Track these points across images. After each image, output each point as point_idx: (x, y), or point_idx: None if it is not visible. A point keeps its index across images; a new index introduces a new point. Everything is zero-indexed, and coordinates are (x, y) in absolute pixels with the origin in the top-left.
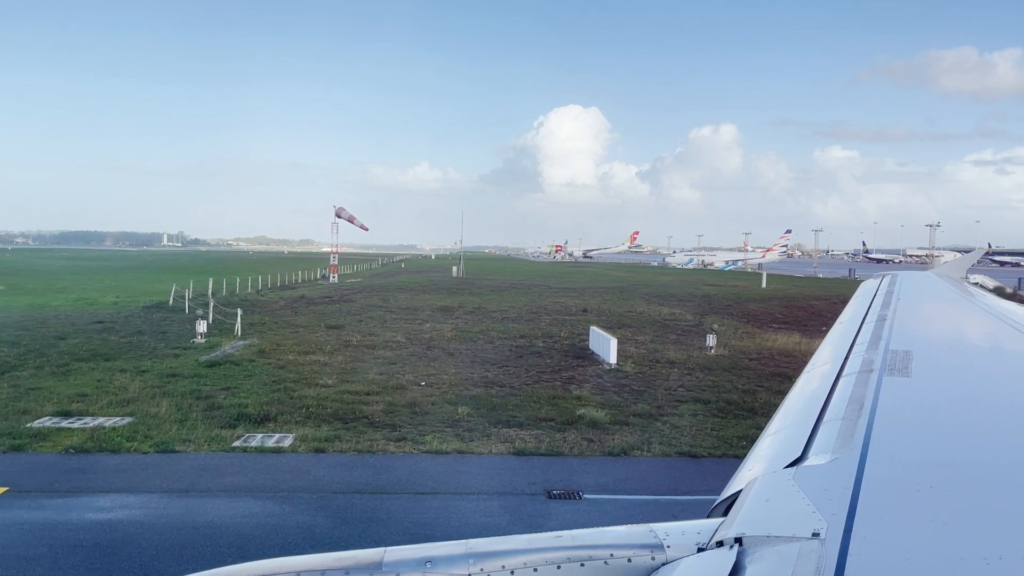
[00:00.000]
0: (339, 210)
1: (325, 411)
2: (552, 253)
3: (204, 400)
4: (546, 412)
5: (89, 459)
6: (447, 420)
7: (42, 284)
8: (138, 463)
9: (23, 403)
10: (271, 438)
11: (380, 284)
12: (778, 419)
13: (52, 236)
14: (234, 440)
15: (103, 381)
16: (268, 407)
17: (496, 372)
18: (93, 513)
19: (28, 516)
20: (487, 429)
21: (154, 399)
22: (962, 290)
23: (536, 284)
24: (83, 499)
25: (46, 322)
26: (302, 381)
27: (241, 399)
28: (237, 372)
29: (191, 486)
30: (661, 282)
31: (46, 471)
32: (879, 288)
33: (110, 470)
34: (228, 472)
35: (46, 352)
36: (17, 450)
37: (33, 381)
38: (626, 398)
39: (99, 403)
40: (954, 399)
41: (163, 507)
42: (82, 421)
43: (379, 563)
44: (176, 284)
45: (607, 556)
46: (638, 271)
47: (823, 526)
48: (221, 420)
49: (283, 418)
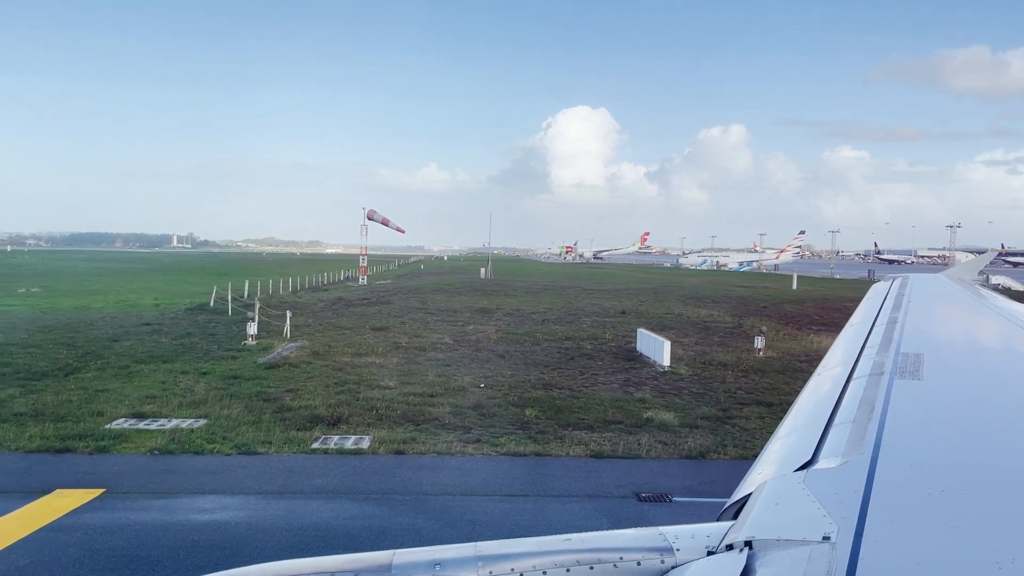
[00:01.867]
0: (370, 212)
1: (393, 413)
2: (563, 254)
3: (271, 402)
4: (612, 415)
5: (174, 460)
6: (516, 422)
7: (74, 286)
8: (224, 465)
9: (95, 405)
10: (347, 440)
11: (411, 286)
12: (788, 422)
13: (63, 237)
14: (312, 442)
15: (167, 383)
16: (337, 409)
17: (551, 374)
18: (198, 514)
19: (135, 517)
20: (558, 431)
21: (222, 401)
22: (974, 292)
23: (567, 286)
24: (182, 500)
25: (94, 324)
26: (363, 383)
27: (308, 401)
28: (297, 374)
29: (283, 488)
30: (689, 284)
31: (137, 472)
32: (890, 290)
33: (198, 471)
34: (316, 474)
35: (103, 354)
36: (102, 451)
37: (98, 383)
38: (688, 401)
39: (169, 405)
40: (966, 402)
41: (264, 508)
42: (157, 423)
43: (388, 565)
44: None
45: (616, 559)
46: (657, 272)
47: (834, 530)
48: (294, 422)
49: (354, 420)
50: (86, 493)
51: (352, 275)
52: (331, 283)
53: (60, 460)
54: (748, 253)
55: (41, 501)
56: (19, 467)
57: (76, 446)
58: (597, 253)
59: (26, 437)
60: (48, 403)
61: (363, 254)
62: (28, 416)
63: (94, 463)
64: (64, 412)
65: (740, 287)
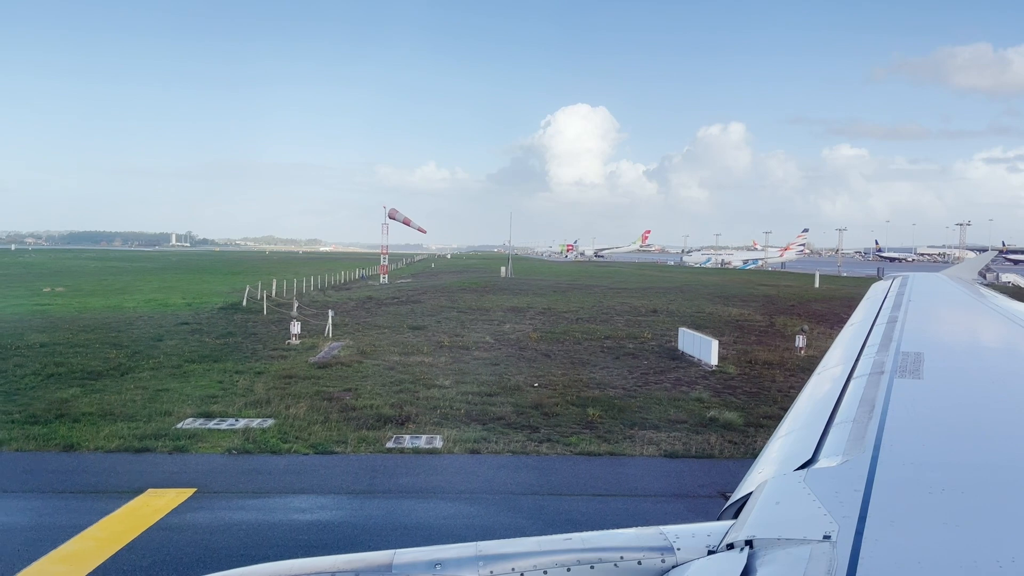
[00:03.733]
0: (391, 211)
1: (457, 412)
2: (564, 252)
3: (333, 401)
4: (674, 414)
5: (255, 460)
6: (580, 421)
7: (96, 286)
8: (306, 464)
9: (159, 405)
10: (419, 439)
11: (435, 285)
12: (789, 421)
13: (61, 236)
14: (386, 441)
15: (224, 383)
16: (401, 409)
17: (601, 373)
18: (297, 514)
19: (237, 517)
20: (624, 431)
21: (283, 401)
22: (974, 291)
23: (591, 285)
24: (276, 500)
25: (133, 323)
26: (418, 382)
27: (370, 400)
28: (350, 374)
29: (372, 487)
30: (709, 282)
31: (222, 472)
32: (890, 290)
33: (282, 471)
34: (399, 473)
35: (151, 353)
36: (181, 451)
37: (156, 382)
38: (744, 400)
39: (234, 404)
40: (966, 401)
41: (360, 508)
42: (226, 423)
43: (389, 565)
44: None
45: (617, 559)
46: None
47: (834, 529)
48: (361, 422)
49: (420, 419)
50: (179, 493)
51: (367, 274)
52: (348, 282)
53: (141, 460)
54: (749, 251)
55: (138, 501)
56: (103, 467)
57: (154, 446)
58: (598, 251)
59: (102, 437)
60: (112, 403)
61: (384, 253)
62: (96, 416)
63: (176, 463)
64: (131, 412)
65: (763, 286)
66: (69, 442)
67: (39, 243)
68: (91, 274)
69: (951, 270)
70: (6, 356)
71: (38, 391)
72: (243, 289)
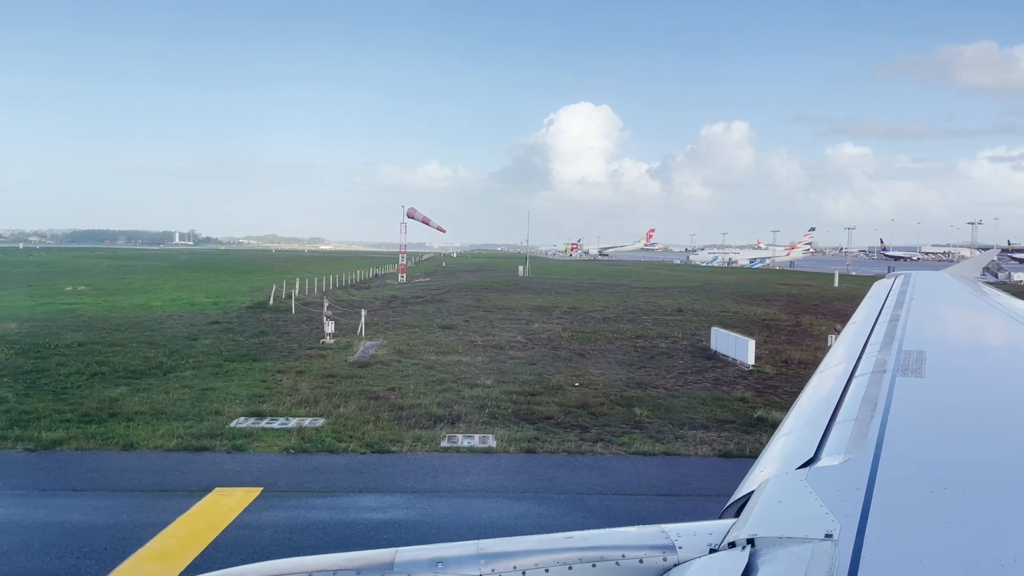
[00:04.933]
0: (410, 211)
1: (504, 412)
2: (568, 251)
3: (379, 400)
4: (721, 414)
5: (314, 459)
6: (629, 421)
7: (116, 285)
8: (365, 463)
9: (208, 404)
10: (471, 438)
11: (455, 284)
12: (791, 420)
13: (65, 235)
14: (441, 441)
15: (268, 382)
16: (448, 408)
17: (638, 373)
18: (369, 513)
19: (311, 516)
20: (675, 431)
21: (330, 400)
22: (976, 290)
23: (611, 284)
24: (344, 499)
25: (164, 322)
26: (460, 381)
27: (416, 400)
28: (391, 373)
29: (436, 486)
30: (729, 282)
31: (284, 471)
32: (892, 288)
33: (343, 470)
34: (460, 472)
35: (189, 352)
36: (239, 450)
37: (200, 381)
38: (788, 399)
39: (282, 404)
40: (968, 400)
41: (430, 507)
42: (278, 421)
43: (390, 563)
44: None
45: (618, 557)
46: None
47: (836, 527)
48: (412, 421)
49: (469, 418)
50: (247, 492)
51: (381, 272)
52: (363, 281)
53: (201, 459)
54: (754, 250)
55: (208, 499)
56: (166, 466)
57: (212, 445)
58: (603, 250)
59: (159, 436)
60: (161, 402)
61: (402, 252)
62: (148, 415)
63: (237, 462)
64: (181, 411)
65: (782, 285)
66: (128, 441)
67: (43, 242)
68: (107, 273)
69: (953, 268)
70: (47, 355)
71: (85, 390)
72: (263, 288)
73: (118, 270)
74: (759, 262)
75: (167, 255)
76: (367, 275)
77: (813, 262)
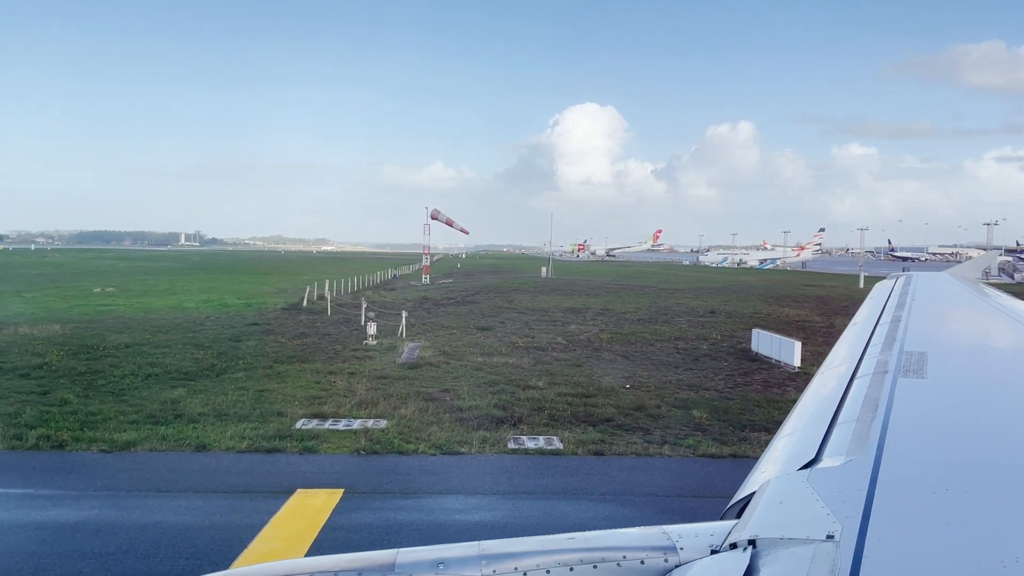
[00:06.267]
0: (434, 212)
1: (563, 413)
2: (575, 252)
3: (435, 402)
4: (779, 416)
5: (386, 460)
6: (688, 423)
7: (141, 286)
8: (438, 465)
9: (268, 405)
10: (536, 440)
11: (481, 285)
12: (792, 421)
13: (71, 236)
14: (507, 442)
15: (322, 383)
16: (507, 409)
17: (686, 375)
18: (457, 515)
19: (400, 518)
20: (736, 433)
21: (388, 401)
22: (978, 291)
23: (637, 285)
24: (426, 500)
25: (203, 324)
26: (511, 383)
27: (472, 401)
28: (441, 374)
29: (515, 488)
30: (752, 283)
31: (362, 472)
32: (893, 289)
33: (417, 471)
34: (534, 474)
35: (236, 354)
36: (310, 452)
37: (254, 383)
38: None
39: (341, 405)
40: (970, 400)
41: (515, 509)
42: (342, 423)
43: (392, 564)
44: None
45: (620, 558)
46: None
47: (837, 528)
48: (473, 422)
49: (530, 420)
50: (330, 493)
51: (399, 273)
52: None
53: (274, 460)
54: (761, 251)
55: (294, 501)
56: (241, 468)
57: (283, 446)
58: (610, 251)
59: (228, 437)
60: (221, 403)
61: (426, 253)
62: (212, 416)
63: (310, 463)
64: (243, 412)
65: (808, 286)
66: (200, 442)
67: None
68: (126, 274)
69: (954, 269)
70: (98, 356)
71: (143, 391)
72: (288, 289)
73: (135, 271)
74: (769, 263)
75: (178, 256)
76: (386, 276)
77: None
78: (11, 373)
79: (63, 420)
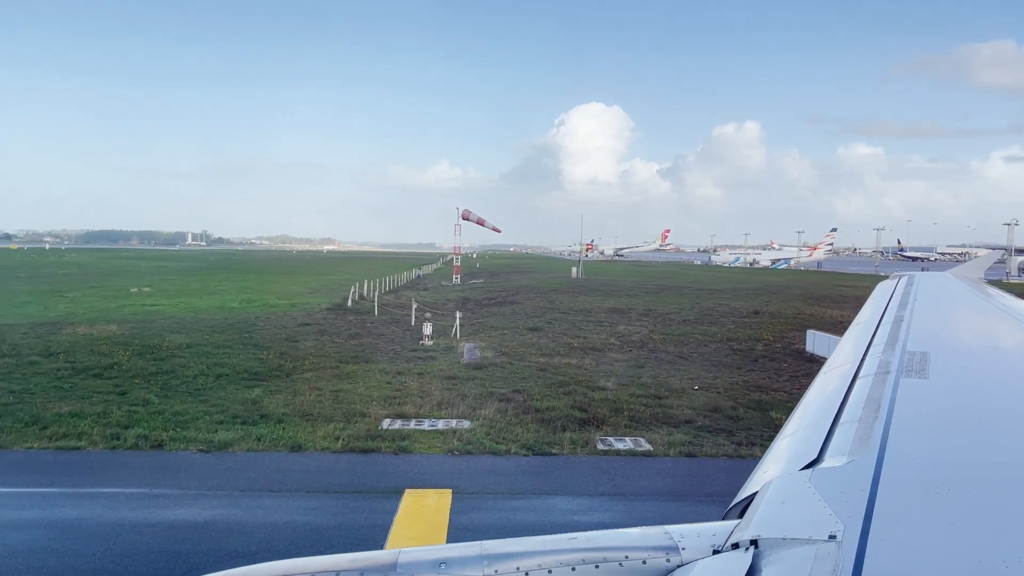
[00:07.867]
0: (465, 212)
1: (641, 414)
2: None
3: (510, 402)
4: None
5: (482, 461)
6: (769, 425)
7: (175, 286)
8: (534, 465)
9: (347, 406)
10: (623, 441)
11: (515, 286)
12: (794, 420)
13: (78, 236)
14: (596, 443)
15: (393, 384)
16: (584, 410)
17: (749, 376)
18: (576, 516)
19: (517, 519)
20: None
21: (464, 401)
22: (980, 291)
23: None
24: (538, 501)
25: (256, 324)
26: (579, 383)
27: (548, 402)
28: (507, 375)
29: (618, 489)
30: (787, 283)
31: (464, 473)
32: (896, 289)
33: (515, 471)
34: (634, 475)
35: (298, 355)
36: (404, 451)
37: (326, 383)
38: None
39: (420, 406)
40: (972, 401)
41: (630, 510)
42: (426, 423)
43: (393, 564)
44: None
45: (621, 558)
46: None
47: (839, 528)
48: (555, 423)
49: (612, 421)
50: (439, 493)
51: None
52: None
53: (372, 460)
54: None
55: (407, 501)
56: (342, 467)
57: (376, 446)
58: (618, 250)
59: (320, 437)
60: (300, 404)
61: (457, 253)
62: (296, 417)
63: (408, 463)
64: (326, 413)
65: (844, 287)
66: (294, 442)
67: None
68: (150, 274)
69: (957, 269)
70: (163, 357)
71: (218, 391)
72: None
73: (158, 271)
74: (783, 263)
75: (193, 255)
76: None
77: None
78: (84, 373)
79: (152, 420)
